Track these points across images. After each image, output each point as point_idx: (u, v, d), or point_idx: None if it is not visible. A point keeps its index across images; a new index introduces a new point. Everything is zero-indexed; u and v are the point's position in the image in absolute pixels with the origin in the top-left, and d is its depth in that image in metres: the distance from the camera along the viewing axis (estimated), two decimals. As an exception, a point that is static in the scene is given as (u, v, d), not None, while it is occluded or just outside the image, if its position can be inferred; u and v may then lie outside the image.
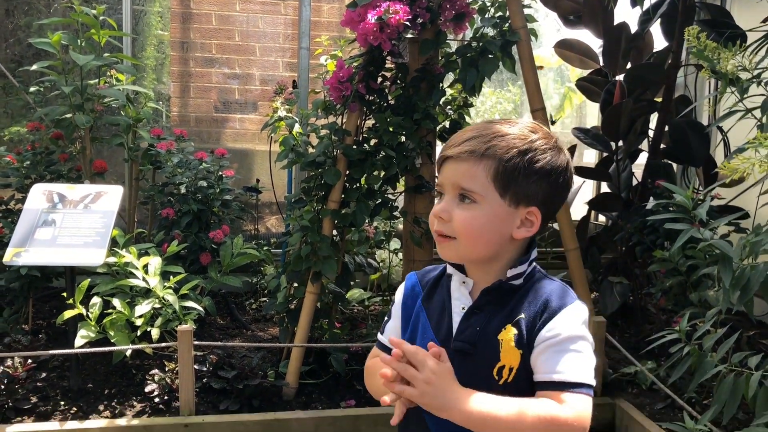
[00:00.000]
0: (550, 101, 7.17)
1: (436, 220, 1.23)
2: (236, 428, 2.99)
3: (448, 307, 1.27)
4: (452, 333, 1.23)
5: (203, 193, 3.72)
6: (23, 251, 2.86)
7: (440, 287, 1.31)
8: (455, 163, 1.21)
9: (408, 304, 1.34)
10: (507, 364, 1.18)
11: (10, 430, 2.83)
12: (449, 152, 1.22)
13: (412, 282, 1.37)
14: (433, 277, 1.35)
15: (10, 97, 4.63)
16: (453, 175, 1.21)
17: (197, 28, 4.92)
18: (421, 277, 1.37)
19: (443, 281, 1.32)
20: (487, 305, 1.23)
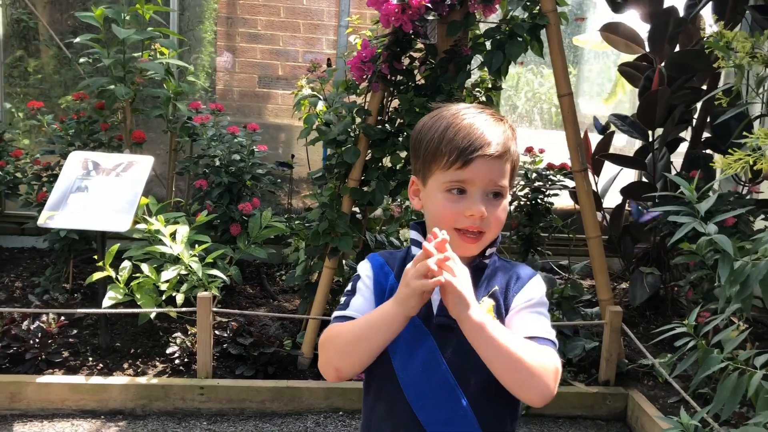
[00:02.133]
0: (604, 86, 7.00)
1: (477, 220, 1.24)
2: (249, 393, 3.12)
3: None
4: (431, 309, 1.28)
5: (235, 166, 3.84)
6: (56, 215, 3.03)
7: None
8: (490, 162, 1.24)
9: (380, 280, 1.34)
10: None
11: (41, 380, 3.03)
12: (488, 151, 1.24)
13: (380, 262, 1.38)
14: (399, 258, 1.38)
15: (64, 68, 4.85)
16: (488, 173, 1.24)
17: (243, 4, 5.02)
18: (387, 257, 1.39)
19: (409, 261, 1.33)
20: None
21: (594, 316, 3.59)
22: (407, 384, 1.27)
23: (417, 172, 1.33)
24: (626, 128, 4.20)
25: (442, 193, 1.26)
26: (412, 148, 1.35)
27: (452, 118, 1.27)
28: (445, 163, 1.24)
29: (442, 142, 1.25)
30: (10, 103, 4.77)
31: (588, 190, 3.40)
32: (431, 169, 1.28)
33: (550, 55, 3.29)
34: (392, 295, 1.30)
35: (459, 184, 1.25)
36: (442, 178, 1.26)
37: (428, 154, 1.28)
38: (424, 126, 1.32)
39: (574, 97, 3.51)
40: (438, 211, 1.27)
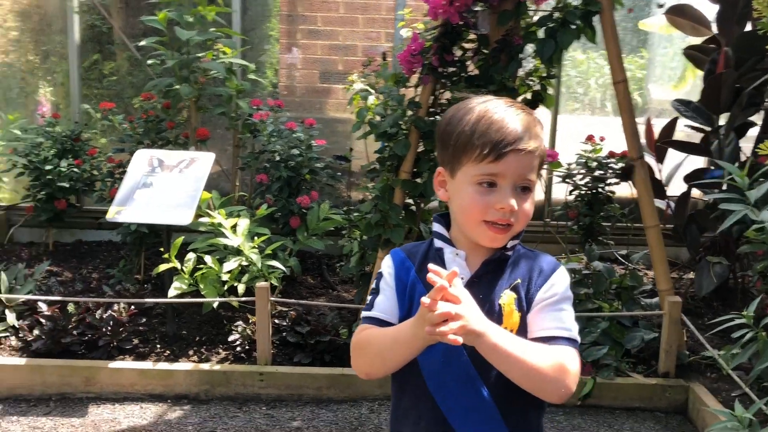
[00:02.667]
0: (677, 71, 6.76)
1: (507, 213, 1.26)
2: (306, 380, 3.23)
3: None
4: None
5: (294, 160, 3.95)
6: (123, 210, 3.21)
7: (431, 260, 1.36)
8: (522, 156, 1.26)
9: (401, 277, 1.37)
10: (508, 327, 1.28)
11: (113, 365, 3.23)
12: (521, 146, 1.25)
13: (401, 257, 1.40)
14: (421, 251, 1.40)
15: (136, 69, 5.09)
16: (519, 167, 1.26)
17: (303, 2, 5.13)
18: (408, 252, 1.41)
19: (432, 254, 1.38)
20: (486, 274, 1.32)
21: (654, 307, 3.52)
22: (429, 375, 1.31)
23: (444, 163, 1.34)
24: (690, 114, 4.07)
25: (473, 186, 1.27)
26: (439, 138, 1.35)
27: (483, 111, 1.28)
28: (477, 156, 1.25)
29: (474, 134, 1.26)
30: (88, 104, 5.03)
31: (646, 178, 3.33)
32: (461, 161, 1.28)
33: (604, 42, 3.24)
34: (413, 290, 1.36)
35: (490, 178, 1.26)
36: (473, 171, 1.27)
37: (459, 146, 1.28)
38: (453, 117, 1.32)
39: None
40: (467, 203, 1.28)
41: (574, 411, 3.21)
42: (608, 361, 3.29)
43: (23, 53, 5.36)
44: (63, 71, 5.18)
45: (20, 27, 5.35)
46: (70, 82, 5.04)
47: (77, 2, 4.90)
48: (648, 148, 4.44)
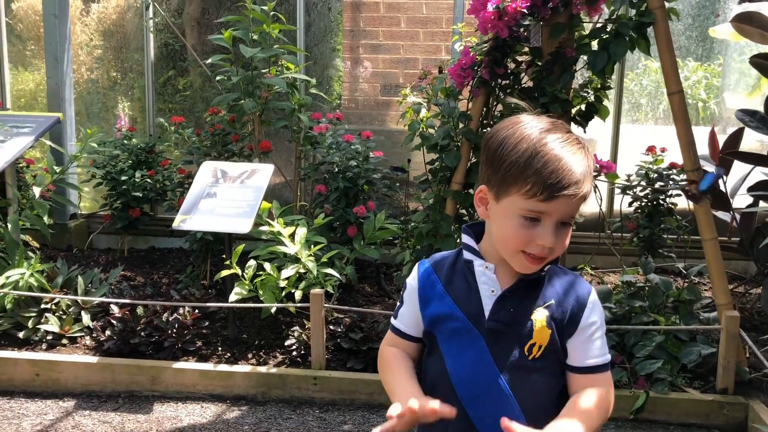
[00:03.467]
0: (751, 80, 6.55)
1: (545, 249, 1.28)
2: (358, 385, 3.32)
3: (475, 289, 1.36)
4: (483, 313, 1.35)
5: (351, 171, 4.07)
6: (188, 218, 3.40)
7: (459, 272, 1.40)
8: (570, 200, 1.26)
9: (426, 289, 1.41)
10: (537, 341, 1.33)
11: (177, 366, 3.41)
12: (573, 191, 1.25)
13: (426, 269, 1.44)
14: (448, 263, 1.43)
15: (206, 85, 5.35)
16: (567, 209, 1.27)
17: (365, 17, 5.27)
18: (435, 264, 1.44)
19: (459, 266, 1.41)
20: (519, 290, 1.36)
21: (713, 322, 3.44)
22: (458, 383, 1.35)
23: (490, 184, 1.33)
24: (755, 124, 3.95)
25: (517, 218, 1.28)
26: (488, 157, 1.33)
27: (540, 145, 1.26)
28: (527, 192, 1.25)
29: (528, 169, 1.25)
30: (162, 118, 5.32)
31: (702, 190, 3.27)
32: (509, 190, 1.28)
33: (659, 53, 3.21)
34: (439, 306, 1.39)
35: (536, 214, 1.27)
36: (520, 204, 1.27)
37: (510, 176, 1.27)
38: (506, 141, 1.29)
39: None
40: (509, 233, 1.29)
41: (626, 425, 3.18)
42: (663, 375, 3.24)
43: (105, 70, 5.71)
44: (140, 87, 5.50)
45: (104, 45, 5.70)
46: (145, 97, 5.34)
47: (152, 23, 5.20)
48: (711, 159, 4.34)
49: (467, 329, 1.35)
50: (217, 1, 5.31)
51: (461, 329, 1.35)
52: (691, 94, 7.61)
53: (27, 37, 6.08)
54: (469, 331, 1.35)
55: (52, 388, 3.41)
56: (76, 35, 5.69)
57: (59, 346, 3.60)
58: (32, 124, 4.13)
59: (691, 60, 6.53)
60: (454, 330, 1.36)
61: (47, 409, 3.25)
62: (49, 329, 3.61)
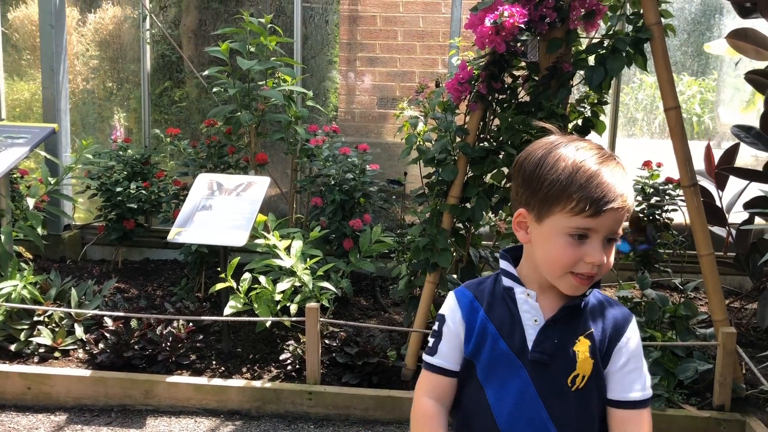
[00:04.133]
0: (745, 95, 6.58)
1: (595, 267, 1.26)
2: (353, 400, 3.29)
3: (518, 318, 1.33)
4: (526, 343, 1.32)
5: (347, 184, 4.06)
6: (183, 231, 3.38)
7: (500, 299, 1.37)
8: (618, 213, 1.25)
9: (471, 318, 1.36)
10: (581, 372, 1.31)
11: (170, 379, 3.37)
12: (620, 204, 1.24)
13: (469, 298, 1.39)
14: (487, 290, 1.39)
15: (202, 96, 5.34)
16: (614, 224, 1.25)
17: (362, 30, 5.28)
18: (476, 291, 1.40)
19: (499, 293, 1.37)
20: (562, 318, 1.33)
21: (709, 337, 3.44)
22: (500, 415, 1.31)
23: (530, 206, 1.30)
24: (750, 140, 3.98)
25: (564, 237, 1.25)
26: (524, 179, 1.31)
27: (580, 161, 1.25)
28: (573, 209, 1.23)
29: (572, 186, 1.23)
30: (158, 129, 5.31)
31: (698, 206, 3.27)
32: (552, 209, 1.26)
33: (655, 69, 3.22)
34: (482, 334, 1.34)
35: (584, 231, 1.25)
36: (566, 222, 1.25)
37: (552, 195, 1.25)
38: (543, 160, 1.28)
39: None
40: (557, 253, 1.27)
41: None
42: (660, 391, 3.23)
43: (101, 80, 5.70)
44: (136, 98, 5.49)
45: (100, 56, 5.69)
46: (141, 108, 5.33)
47: (149, 34, 5.19)
48: (707, 174, 4.35)
49: (509, 360, 1.32)
50: (214, 13, 5.31)
51: (503, 359, 1.32)
52: (687, 108, 7.64)
53: (23, 47, 6.07)
54: (511, 361, 1.32)
55: (43, 401, 3.38)
56: (73, 45, 5.68)
57: (51, 359, 3.57)
58: (27, 134, 4.12)
59: (687, 75, 6.56)
60: (495, 360, 1.33)
61: (39, 424, 3.21)
62: (42, 342, 3.57)
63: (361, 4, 5.28)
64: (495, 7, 3.07)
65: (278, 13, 5.23)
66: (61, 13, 5.10)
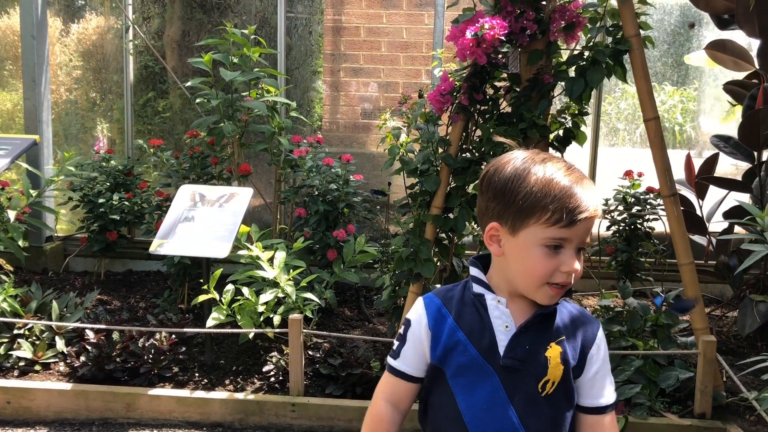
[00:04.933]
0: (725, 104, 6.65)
1: (570, 275, 1.29)
2: (337, 412, 3.28)
3: (488, 324, 1.34)
4: (497, 348, 1.33)
5: (331, 195, 4.07)
6: (165, 242, 3.37)
7: (469, 306, 1.37)
8: (590, 222, 1.28)
9: (438, 324, 1.37)
10: (552, 378, 1.33)
11: (152, 392, 3.35)
12: (591, 213, 1.27)
13: (437, 304, 1.39)
14: (456, 297, 1.40)
15: (186, 107, 5.33)
16: (585, 233, 1.29)
17: (346, 41, 5.30)
18: (444, 298, 1.40)
19: (469, 299, 1.38)
20: (533, 325, 1.34)
21: (691, 346, 3.46)
22: (471, 421, 1.32)
23: (503, 219, 1.31)
24: (729, 150, 4.03)
25: (539, 248, 1.27)
26: (496, 193, 1.32)
27: (552, 174, 1.28)
28: (548, 219, 1.26)
29: (546, 198, 1.26)
30: (142, 139, 5.30)
31: (678, 215, 3.30)
32: (527, 221, 1.28)
33: (635, 80, 3.26)
34: (450, 340, 1.34)
35: (559, 241, 1.27)
36: (541, 234, 1.27)
37: (527, 207, 1.27)
38: (514, 175, 1.30)
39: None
40: (533, 265, 1.28)
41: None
42: (641, 400, 3.25)
43: (84, 91, 5.68)
44: (119, 108, 5.47)
45: (83, 66, 5.68)
46: (124, 118, 5.31)
47: (132, 45, 5.18)
48: (688, 183, 4.40)
49: (480, 365, 1.32)
50: (197, 23, 5.31)
51: (473, 365, 1.32)
52: (668, 117, 7.72)
53: (4, 57, 6.03)
54: (481, 367, 1.32)
55: (23, 416, 3.34)
56: (55, 55, 5.66)
57: (32, 372, 3.53)
58: (8, 146, 4.09)
59: (668, 84, 6.64)
60: (465, 366, 1.33)
61: (18, 438, 3.17)
62: (22, 355, 3.54)
63: (345, 15, 5.31)
64: (476, 19, 3.10)
65: (262, 23, 5.24)
66: (43, 24, 5.08)
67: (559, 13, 3.26)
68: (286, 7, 5.13)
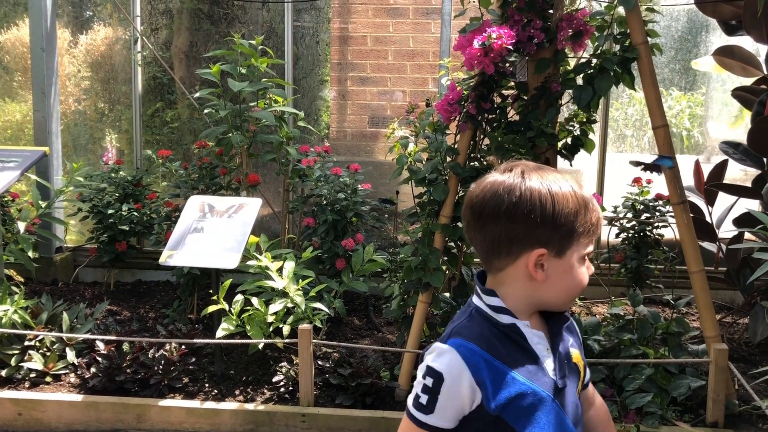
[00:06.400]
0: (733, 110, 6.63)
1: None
2: (347, 422, 3.28)
3: (533, 354, 1.32)
4: (548, 375, 1.32)
5: (339, 204, 4.07)
6: (175, 254, 3.38)
7: (505, 341, 1.33)
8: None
9: (486, 374, 1.29)
10: (582, 378, 1.44)
11: (162, 403, 3.36)
12: (603, 222, 1.40)
13: (479, 353, 1.30)
14: (487, 336, 1.33)
15: (194, 117, 5.36)
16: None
17: (353, 50, 5.32)
18: (480, 343, 1.32)
19: (499, 334, 1.33)
20: (559, 337, 1.38)
21: (702, 354, 3.44)
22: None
23: (549, 244, 1.30)
24: (738, 156, 4.02)
25: (579, 263, 1.34)
26: (541, 219, 1.29)
27: (568, 189, 1.30)
28: (585, 237, 1.32)
29: (580, 212, 1.30)
30: (150, 149, 5.32)
31: (688, 223, 3.29)
32: (571, 243, 1.31)
33: (643, 88, 3.25)
34: (512, 389, 1.28)
35: (589, 254, 1.36)
36: (581, 251, 1.33)
37: (569, 229, 1.29)
38: (551, 198, 1.29)
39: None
40: (579, 280, 1.34)
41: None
42: (653, 408, 3.23)
43: (93, 102, 5.71)
44: (127, 119, 5.50)
45: (92, 77, 5.71)
46: (133, 129, 5.34)
47: (140, 56, 5.21)
48: (697, 190, 4.38)
49: (542, 399, 1.30)
50: (205, 34, 5.34)
51: (536, 402, 1.29)
52: (676, 123, 7.70)
53: (14, 69, 6.08)
54: (544, 400, 1.30)
55: (35, 427, 3.35)
56: (64, 66, 5.70)
57: (43, 383, 3.54)
58: (18, 158, 4.11)
59: (675, 90, 6.62)
60: (529, 406, 1.29)
61: (30, 450, 3.18)
62: (33, 367, 3.55)
63: (352, 24, 5.32)
64: (483, 28, 3.10)
65: (269, 33, 5.26)
66: (52, 36, 5.12)
67: (566, 22, 3.26)
68: (293, 17, 5.15)
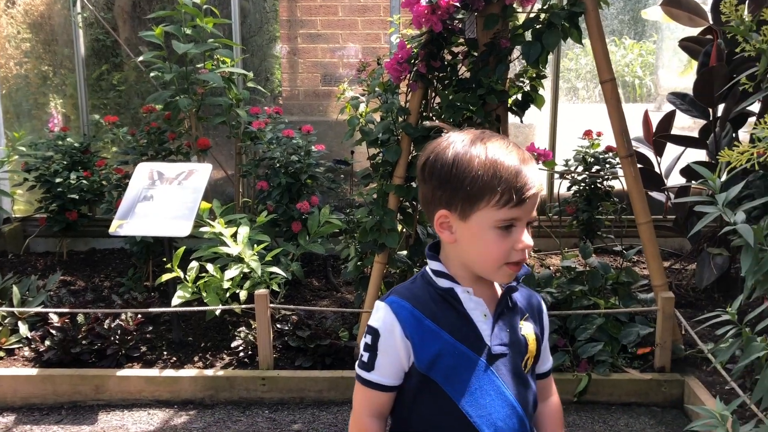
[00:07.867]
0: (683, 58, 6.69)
1: (525, 252, 1.29)
2: (306, 383, 3.32)
3: (467, 317, 1.32)
4: (483, 340, 1.32)
5: (293, 166, 4.04)
6: (125, 223, 3.32)
7: (440, 302, 1.34)
8: (536, 199, 1.28)
9: (415, 330, 1.31)
10: (530, 355, 1.39)
11: (120, 373, 3.34)
12: (537, 190, 1.28)
13: (408, 309, 1.33)
14: (425, 296, 1.35)
15: (140, 81, 5.21)
16: (533, 208, 1.29)
17: (302, 6, 5.20)
18: (413, 300, 1.34)
19: (436, 296, 1.34)
20: (506, 307, 1.36)
21: (650, 302, 3.55)
22: (479, 417, 1.31)
23: (452, 206, 1.29)
24: (685, 107, 4.08)
25: (493, 230, 1.27)
26: (440, 180, 1.29)
27: (493, 155, 1.27)
28: (498, 202, 1.25)
29: (494, 179, 1.25)
30: (98, 113, 5.17)
31: (636, 176, 3.35)
32: (476, 206, 1.26)
33: (590, 42, 3.26)
34: (436, 345, 1.29)
35: (511, 221, 1.27)
36: (493, 216, 1.26)
37: (475, 192, 1.26)
38: (457, 160, 1.28)
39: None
40: (489, 248, 1.28)
41: (569, 407, 3.25)
42: (604, 357, 3.34)
43: (35, 65, 5.50)
44: (72, 83, 5.32)
45: (32, 39, 5.49)
46: (78, 93, 5.17)
47: (81, 17, 5.02)
48: (646, 140, 4.46)
49: (472, 362, 1.31)
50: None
51: (464, 363, 1.30)
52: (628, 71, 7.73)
53: (-51, 32, 5.80)
54: (474, 362, 1.31)
55: (-10, 403, 3.32)
56: (3, 27, 5.46)
57: (-4, 359, 3.50)
58: (-44, 128, 3.96)
59: (628, 38, 6.65)
60: (456, 366, 1.30)
61: (-14, 426, 3.15)
62: (-15, 342, 3.50)
63: (300, -20, 5.20)
64: (430, -15, 3.06)
65: (215, -9, 5.10)
66: (-14, -2, 4.88)
67: (513, -24, 3.23)
68: (239, -27, 5.00)
